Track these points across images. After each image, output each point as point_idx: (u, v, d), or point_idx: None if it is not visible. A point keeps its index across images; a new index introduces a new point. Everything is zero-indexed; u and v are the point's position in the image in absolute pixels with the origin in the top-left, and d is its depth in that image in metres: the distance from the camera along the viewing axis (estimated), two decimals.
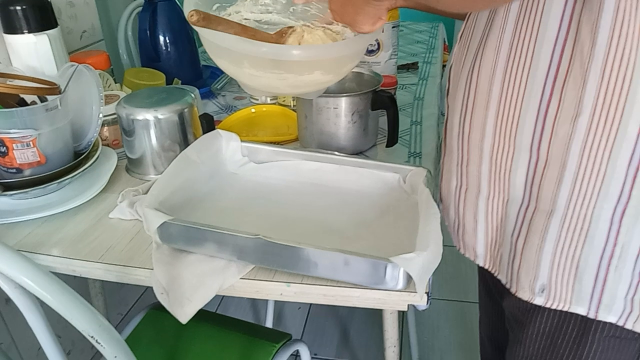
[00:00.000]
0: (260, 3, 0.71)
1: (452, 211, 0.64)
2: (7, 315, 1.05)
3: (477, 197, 0.59)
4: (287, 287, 0.61)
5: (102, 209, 0.78)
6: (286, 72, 0.60)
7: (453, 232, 0.66)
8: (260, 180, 0.80)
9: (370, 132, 0.92)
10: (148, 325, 1.01)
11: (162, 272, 0.62)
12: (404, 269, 0.54)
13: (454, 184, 0.62)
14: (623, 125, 0.45)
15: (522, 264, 0.56)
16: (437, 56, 1.51)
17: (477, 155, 0.57)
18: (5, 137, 0.75)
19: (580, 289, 0.53)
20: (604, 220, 0.49)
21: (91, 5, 1.26)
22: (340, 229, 0.69)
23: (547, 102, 0.48)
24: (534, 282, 0.55)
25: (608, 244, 0.49)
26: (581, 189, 0.49)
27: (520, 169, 0.53)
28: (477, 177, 0.58)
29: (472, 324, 1.59)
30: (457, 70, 0.59)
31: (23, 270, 0.47)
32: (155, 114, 0.82)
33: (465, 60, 0.56)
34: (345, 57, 0.63)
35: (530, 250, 0.54)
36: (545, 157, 0.50)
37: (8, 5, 0.90)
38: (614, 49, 0.43)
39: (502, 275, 0.60)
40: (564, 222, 0.51)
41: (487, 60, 0.52)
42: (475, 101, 0.55)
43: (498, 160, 0.54)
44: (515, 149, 0.52)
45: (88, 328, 0.49)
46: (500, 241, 0.59)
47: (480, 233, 0.61)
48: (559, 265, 0.53)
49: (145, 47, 1.23)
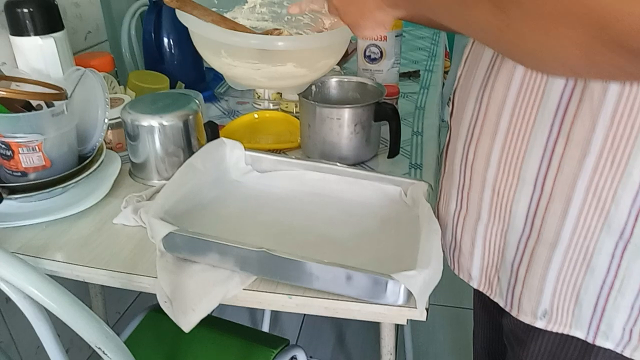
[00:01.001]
0: (257, 11, 0.73)
1: (449, 232, 0.65)
2: (6, 314, 1.06)
3: (477, 222, 0.60)
4: (289, 298, 0.62)
5: (106, 213, 0.79)
6: (260, 62, 0.63)
7: (448, 252, 0.67)
8: (263, 189, 0.81)
9: (372, 142, 0.93)
10: (147, 327, 1.02)
11: (166, 280, 0.63)
12: (406, 285, 0.55)
13: (453, 207, 0.63)
14: (629, 168, 0.46)
15: (525, 290, 0.57)
16: (439, 64, 1.52)
17: (480, 183, 0.57)
18: (11, 141, 0.75)
19: (580, 314, 0.54)
20: (605, 254, 0.50)
21: (96, 5, 1.27)
22: (342, 240, 0.70)
23: (555, 139, 0.49)
24: (537, 308, 0.56)
25: (608, 276, 0.51)
26: (584, 224, 0.50)
27: (522, 201, 0.54)
28: (478, 204, 0.59)
29: (467, 329, 1.60)
30: (463, 96, 0.60)
31: (31, 281, 0.48)
32: (160, 120, 0.82)
33: (472, 87, 0.57)
34: (319, 51, 0.65)
35: (533, 279, 0.55)
36: (550, 192, 0.51)
37: (15, 7, 0.90)
38: (624, 98, 0.44)
39: (499, 298, 0.61)
40: (567, 253, 0.52)
41: (498, 92, 0.53)
42: (482, 130, 0.55)
43: (500, 190, 0.55)
44: (519, 181, 0.53)
45: (95, 339, 0.50)
46: (498, 266, 0.60)
47: (476, 257, 0.62)
48: (561, 291, 0.54)
49: (150, 49, 1.23)
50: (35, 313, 0.54)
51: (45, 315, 0.56)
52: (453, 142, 0.62)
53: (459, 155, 0.60)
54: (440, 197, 0.69)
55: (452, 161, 0.63)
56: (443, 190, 0.67)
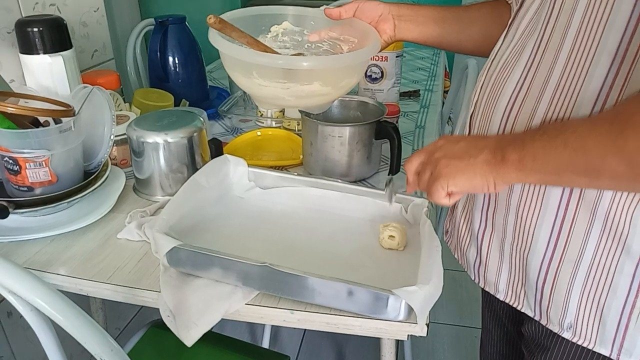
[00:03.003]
0: (279, 40, 0.76)
1: (474, 249, 0.66)
2: (7, 329, 1.06)
3: (503, 241, 0.61)
4: (291, 314, 0.63)
5: (110, 228, 0.80)
6: (289, 81, 0.67)
7: (471, 268, 0.68)
8: (266, 205, 0.82)
9: (373, 160, 0.94)
10: (148, 342, 1.02)
11: (169, 295, 0.64)
12: (406, 301, 0.56)
13: (477, 226, 0.65)
14: None
15: (551, 305, 0.58)
16: (439, 84, 1.55)
17: (504, 207, 0.59)
18: (18, 157, 0.77)
19: (603, 332, 0.56)
20: (626, 275, 0.52)
21: (103, 25, 1.30)
22: (344, 257, 0.71)
23: None
24: (563, 320, 0.58)
25: (630, 296, 0.53)
26: (606, 245, 0.52)
27: (545, 225, 0.55)
28: (504, 225, 0.60)
29: (467, 347, 1.60)
30: (483, 122, 0.60)
31: (40, 294, 0.49)
32: (165, 137, 0.84)
33: (494, 113, 0.58)
34: (343, 70, 0.70)
35: (559, 295, 0.57)
36: (573, 216, 0.53)
37: (25, 26, 0.93)
38: None
39: (527, 309, 0.62)
40: (590, 271, 0.54)
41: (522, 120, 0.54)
42: None
43: (524, 215, 0.57)
44: (542, 207, 0.55)
45: (101, 352, 0.51)
46: (523, 282, 0.61)
47: (504, 272, 0.63)
48: (585, 308, 0.56)
49: (155, 67, 1.26)
50: (42, 326, 0.55)
51: (51, 328, 0.57)
52: None
53: None
54: (455, 215, 0.71)
55: None
56: (464, 210, 0.68)
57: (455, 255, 0.72)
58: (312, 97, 0.70)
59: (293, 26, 0.79)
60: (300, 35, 0.79)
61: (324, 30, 0.78)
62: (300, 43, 0.78)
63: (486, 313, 0.85)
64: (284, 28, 0.78)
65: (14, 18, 0.95)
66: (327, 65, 0.69)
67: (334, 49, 0.77)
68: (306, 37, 0.78)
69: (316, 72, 0.68)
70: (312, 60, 0.71)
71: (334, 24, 0.78)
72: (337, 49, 0.76)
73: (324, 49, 0.77)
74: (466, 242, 0.68)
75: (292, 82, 0.67)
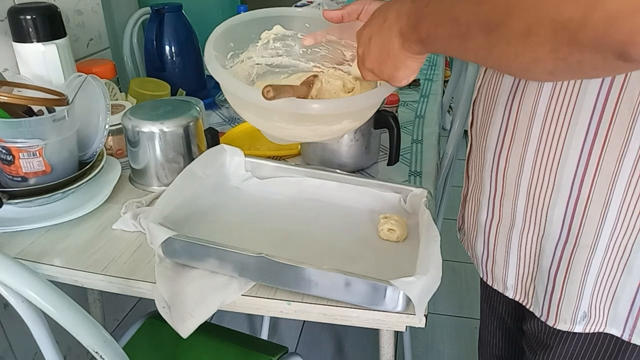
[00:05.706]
0: (270, 47, 0.72)
1: (480, 243, 0.65)
2: (4, 320, 1.06)
3: (511, 230, 0.60)
4: (288, 305, 0.62)
5: (106, 219, 0.79)
6: (316, 124, 0.61)
7: (480, 263, 0.67)
8: (262, 195, 0.81)
9: (372, 149, 0.93)
10: (145, 334, 1.01)
11: (164, 286, 0.63)
12: (404, 292, 0.55)
13: (484, 217, 0.63)
14: None
15: (564, 298, 0.57)
16: (439, 73, 1.53)
17: (513, 190, 0.58)
18: (12, 146, 0.76)
19: (615, 312, 0.55)
20: None
21: (99, 14, 1.28)
22: (342, 247, 0.70)
23: (592, 142, 0.49)
24: (576, 313, 0.57)
25: None
26: (624, 224, 0.51)
27: (559, 206, 0.54)
28: (512, 211, 0.59)
29: (467, 338, 1.60)
30: (487, 107, 0.59)
31: (31, 286, 0.48)
32: (161, 127, 0.83)
33: (499, 98, 0.57)
34: (371, 105, 0.63)
35: (573, 285, 0.56)
36: (587, 194, 0.52)
37: (18, 14, 0.91)
38: None
39: (535, 307, 0.61)
40: (606, 254, 0.53)
41: (528, 100, 0.53)
42: (514, 138, 0.56)
43: (536, 196, 0.56)
44: (555, 185, 0.53)
45: (93, 344, 0.50)
46: (534, 275, 0.60)
47: (511, 266, 0.62)
48: (599, 292, 0.55)
49: (151, 56, 1.24)
50: (34, 317, 0.54)
51: (43, 320, 0.56)
52: (479, 152, 0.63)
53: (489, 164, 0.60)
54: (465, 208, 0.69)
55: (479, 171, 0.63)
56: (471, 201, 0.67)
57: (468, 253, 0.71)
58: (338, 133, 0.65)
59: (285, 30, 0.72)
60: (293, 40, 0.73)
61: (320, 32, 0.71)
62: (294, 49, 0.73)
63: (485, 309, 0.85)
64: (275, 33, 0.72)
65: (7, 5, 0.94)
66: (365, 105, 0.62)
67: (333, 53, 0.73)
68: (300, 42, 0.73)
69: (348, 112, 0.62)
70: (349, 103, 0.63)
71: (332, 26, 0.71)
72: (337, 53, 0.73)
73: (321, 54, 0.73)
74: (474, 235, 0.67)
75: (320, 124, 0.61)
